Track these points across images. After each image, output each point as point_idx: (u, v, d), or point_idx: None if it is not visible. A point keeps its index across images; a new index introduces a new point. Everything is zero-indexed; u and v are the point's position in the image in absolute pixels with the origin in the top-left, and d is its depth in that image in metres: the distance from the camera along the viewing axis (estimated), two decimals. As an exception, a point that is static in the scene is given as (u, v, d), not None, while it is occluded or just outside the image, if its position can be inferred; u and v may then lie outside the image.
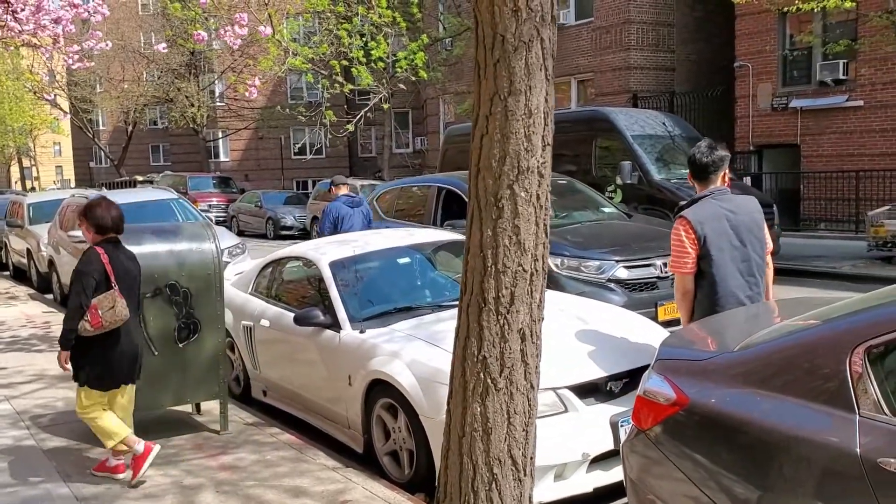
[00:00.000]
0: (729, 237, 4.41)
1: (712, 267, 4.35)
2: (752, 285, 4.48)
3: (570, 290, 7.19)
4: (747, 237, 4.48)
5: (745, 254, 4.46)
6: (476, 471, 2.69)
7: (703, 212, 4.40)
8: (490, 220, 2.59)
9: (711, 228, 4.36)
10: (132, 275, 4.92)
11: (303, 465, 4.95)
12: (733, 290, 4.39)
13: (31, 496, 4.63)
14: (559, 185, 10.16)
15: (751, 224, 4.49)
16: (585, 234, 8.24)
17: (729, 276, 4.38)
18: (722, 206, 4.44)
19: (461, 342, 2.75)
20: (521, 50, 2.48)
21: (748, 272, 4.47)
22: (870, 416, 2.58)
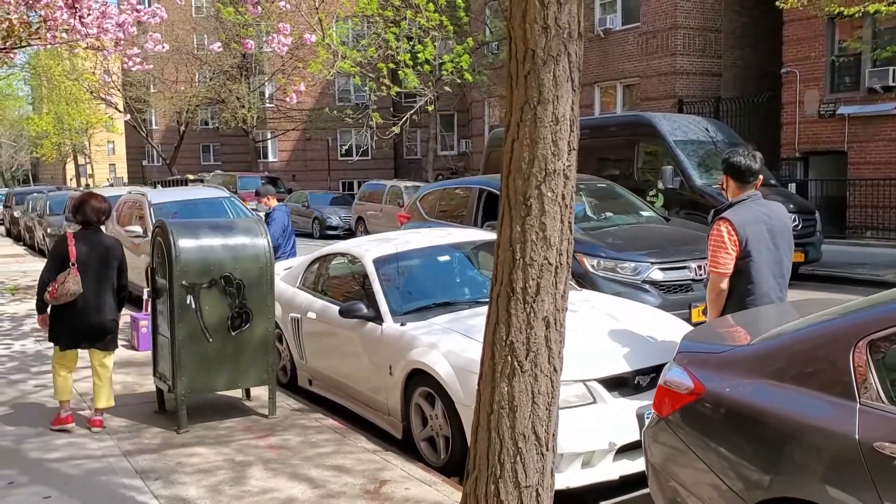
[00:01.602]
0: (766, 241, 4.61)
1: (751, 268, 4.53)
2: (781, 287, 4.69)
3: (606, 290, 7.38)
4: (780, 241, 4.68)
5: (778, 256, 4.67)
6: (503, 445, 2.95)
7: (745, 215, 4.58)
8: (519, 218, 2.85)
9: (752, 231, 4.54)
10: (101, 258, 5.79)
11: (345, 447, 5.26)
12: (767, 291, 4.59)
13: (97, 468, 5.00)
14: (599, 188, 10.35)
15: (783, 228, 4.71)
16: (622, 236, 8.43)
17: (764, 279, 4.58)
18: (760, 210, 4.65)
19: (491, 328, 3.01)
20: (549, 63, 2.74)
21: (779, 274, 4.68)
22: (869, 405, 2.77)
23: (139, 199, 12.57)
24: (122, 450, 5.33)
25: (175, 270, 5.66)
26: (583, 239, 8.26)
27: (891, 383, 2.78)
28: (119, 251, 5.96)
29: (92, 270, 5.71)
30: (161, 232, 5.94)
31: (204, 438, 5.53)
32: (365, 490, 4.52)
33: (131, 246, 11.66)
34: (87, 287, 5.68)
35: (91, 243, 5.78)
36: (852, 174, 18.37)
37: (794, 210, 12.44)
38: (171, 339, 5.73)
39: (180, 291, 5.67)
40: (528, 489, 2.98)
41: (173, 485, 4.68)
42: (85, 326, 5.75)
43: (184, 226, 6.11)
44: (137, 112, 38.40)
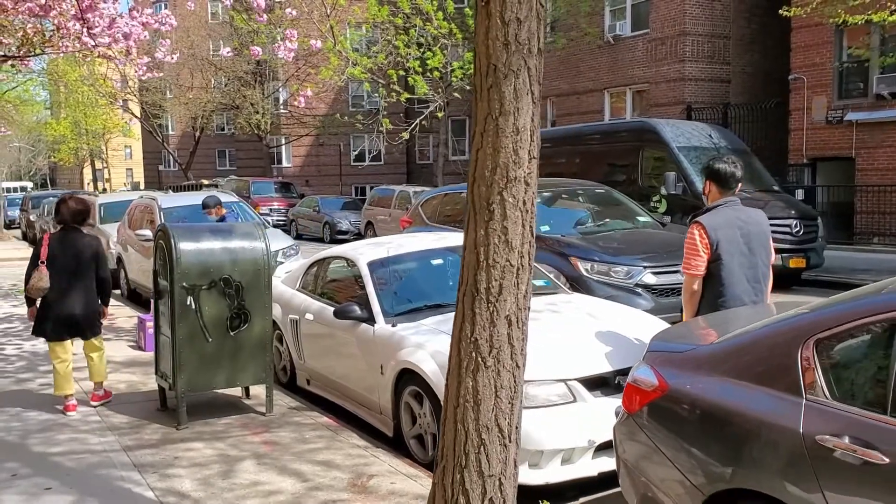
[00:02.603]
0: (739, 244, 4.77)
1: (722, 270, 4.70)
2: (756, 291, 4.83)
3: (599, 293, 7.54)
4: (756, 246, 4.84)
5: (753, 261, 4.82)
6: (468, 436, 3.11)
7: (719, 219, 4.77)
8: (483, 222, 3.02)
9: (724, 235, 4.72)
10: (75, 255, 6.29)
11: (336, 443, 5.44)
12: (739, 294, 4.74)
13: (97, 462, 5.20)
14: (597, 194, 10.49)
15: (759, 234, 4.87)
16: (617, 240, 8.59)
17: (736, 281, 4.73)
18: (736, 215, 4.83)
19: (457, 326, 3.18)
20: (510, 77, 2.91)
21: (754, 279, 4.82)
22: (814, 401, 2.92)
23: (150, 203, 12.84)
24: (123, 445, 5.53)
25: (176, 272, 5.86)
26: (577, 243, 8.43)
27: (834, 381, 2.93)
28: (94, 247, 6.45)
29: (65, 268, 6.26)
30: (163, 235, 6.15)
31: (201, 434, 5.72)
32: (351, 483, 4.69)
33: (141, 249, 11.93)
34: (61, 283, 6.23)
35: (65, 242, 6.34)
36: (860, 180, 18.41)
37: (796, 216, 12.53)
38: (172, 339, 5.93)
39: (181, 293, 5.88)
40: (492, 478, 3.14)
41: (169, 478, 4.87)
42: (63, 319, 6.30)
43: (185, 230, 6.32)
44: (153, 117, 38.88)
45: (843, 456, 2.73)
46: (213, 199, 9.58)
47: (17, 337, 9.66)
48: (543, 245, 8.32)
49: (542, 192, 9.93)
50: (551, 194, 10.06)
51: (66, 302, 6.28)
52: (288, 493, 4.57)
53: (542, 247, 8.29)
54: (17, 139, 53.60)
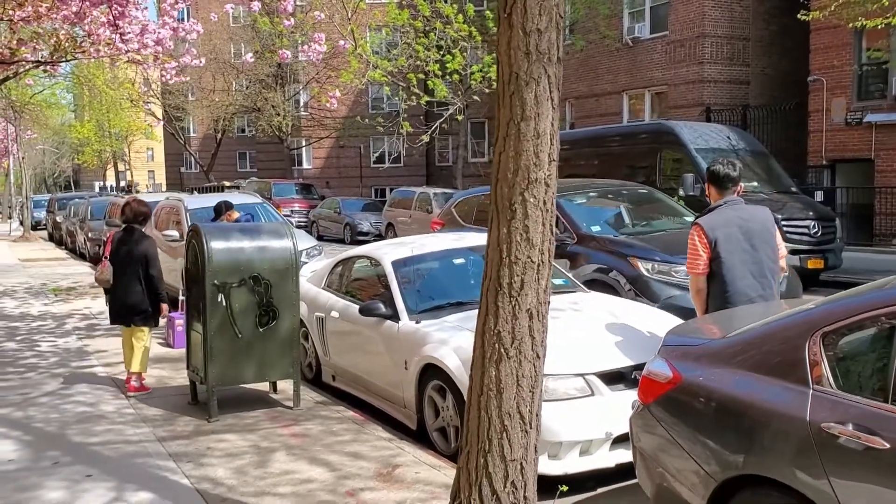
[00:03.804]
0: (739, 241, 4.93)
1: (722, 268, 4.89)
2: (764, 286, 4.98)
3: (660, 293, 7.55)
4: (758, 242, 4.99)
5: (757, 257, 4.97)
6: (490, 423, 3.30)
7: (717, 218, 4.97)
8: (505, 221, 3.22)
9: (723, 233, 4.91)
10: (130, 253, 7.00)
11: (363, 436, 5.65)
12: (744, 289, 4.90)
13: (133, 451, 5.44)
14: (641, 194, 10.32)
15: (762, 231, 5.02)
16: (674, 241, 8.30)
17: (738, 277, 4.90)
18: (735, 214, 5.00)
19: (481, 319, 3.38)
20: (531, 84, 3.10)
21: (759, 273, 4.97)
22: (820, 391, 3.08)
23: (176, 204, 13.12)
24: (157, 436, 5.76)
25: (207, 270, 6.09)
26: (636, 243, 8.35)
27: (839, 371, 3.09)
28: (144, 247, 7.03)
29: (122, 263, 7.03)
30: (195, 235, 6.39)
31: (232, 427, 5.94)
32: (378, 473, 4.89)
33: (168, 249, 12.18)
34: (121, 276, 7.03)
35: (123, 241, 7.11)
36: (879, 182, 18.39)
37: (815, 217, 12.61)
38: (204, 335, 6.16)
39: (212, 290, 6.10)
40: (514, 462, 3.33)
41: (203, 466, 5.09)
42: (117, 307, 7.13)
43: (216, 229, 6.57)
44: (176, 120, 39.38)
45: (847, 442, 2.89)
46: (224, 204, 9.72)
47: (50, 334, 9.96)
48: (599, 245, 8.40)
49: (587, 192, 9.82)
50: (597, 194, 9.98)
51: (124, 293, 7.02)
52: (319, 482, 4.77)
53: (597, 247, 8.39)
54: (42, 142, 54.34)
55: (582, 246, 8.45)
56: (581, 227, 8.74)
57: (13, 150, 34.14)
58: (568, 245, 8.49)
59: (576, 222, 8.80)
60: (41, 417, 6.28)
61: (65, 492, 4.72)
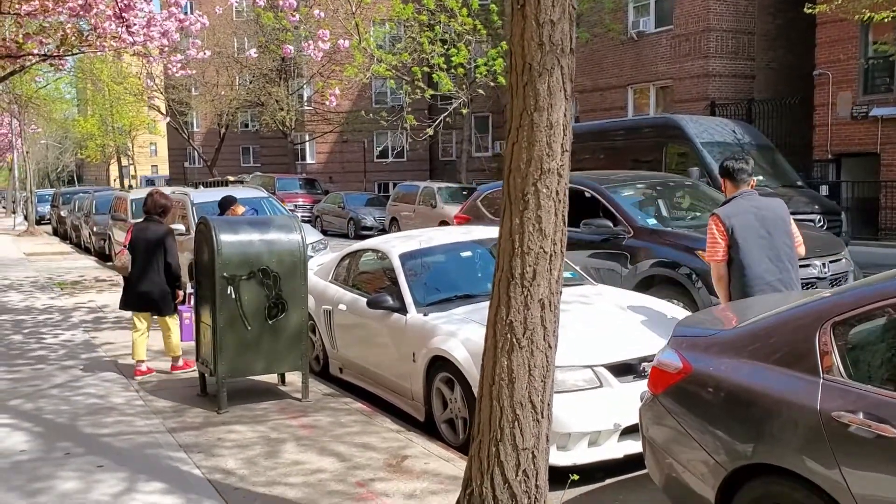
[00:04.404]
0: (755, 229, 5.22)
1: (740, 253, 5.18)
2: (781, 270, 5.24)
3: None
4: (773, 229, 5.28)
5: (773, 243, 5.25)
6: (502, 412, 3.32)
7: (733, 208, 5.30)
8: (518, 212, 3.23)
9: (739, 221, 5.21)
10: (148, 242, 7.26)
11: (371, 427, 5.68)
12: (761, 273, 5.17)
13: (144, 442, 5.48)
14: (686, 187, 9.92)
15: (777, 219, 5.34)
16: None
17: (755, 262, 5.18)
18: (750, 204, 5.33)
19: (493, 309, 3.39)
20: (544, 75, 3.12)
21: (776, 258, 5.25)
22: (830, 380, 3.10)
23: (182, 198, 13.13)
24: (167, 427, 5.80)
25: (217, 263, 6.11)
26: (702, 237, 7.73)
27: (850, 361, 3.11)
28: (163, 237, 7.27)
29: (141, 252, 7.27)
30: (204, 228, 6.41)
31: (242, 418, 5.98)
32: (387, 464, 4.92)
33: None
34: (140, 264, 7.27)
35: (143, 230, 7.36)
36: (885, 176, 18.39)
37: (820, 211, 12.61)
38: (213, 327, 6.19)
39: (221, 282, 6.13)
40: (525, 451, 3.35)
41: (213, 457, 5.13)
42: (139, 294, 7.36)
43: (225, 222, 6.59)
44: (179, 115, 39.39)
45: (857, 431, 2.91)
46: (229, 199, 9.76)
47: (56, 327, 9.99)
48: (661, 239, 7.88)
49: (635, 184, 9.31)
50: (645, 185, 9.52)
51: (142, 281, 7.28)
52: (329, 472, 4.80)
53: (659, 241, 7.85)
54: (46, 136, 54.38)
55: (640, 240, 7.93)
56: (636, 219, 8.25)
57: (17, 145, 34.18)
58: (624, 239, 8.06)
59: (630, 215, 8.30)
60: (51, 409, 6.32)
61: (78, 482, 4.76)
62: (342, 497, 4.43)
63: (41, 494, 4.59)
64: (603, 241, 8.19)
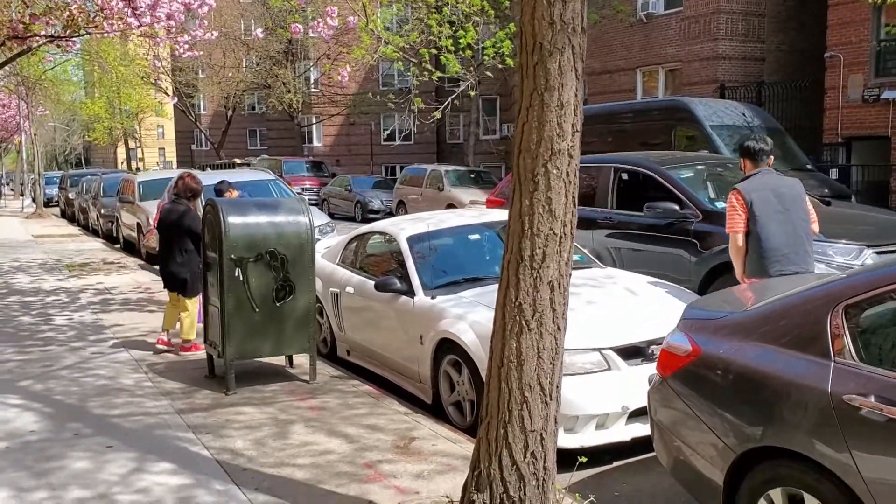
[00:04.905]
0: (773, 204, 5.52)
1: (758, 226, 5.48)
2: (796, 244, 5.54)
3: None
4: (790, 205, 5.58)
5: (789, 217, 5.54)
6: (511, 394, 3.32)
7: (753, 184, 5.62)
8: (528, 193, 3.21)
9: (758, 196, 5.52)
10: (174, 222, 7.39)
11: (379, 409, 5.69)
12: (777, 245, 5.47)
13: (153, 423, 5.50)
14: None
15: (793, 195, 5.64)
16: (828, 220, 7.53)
17: (772, 235, 5.47)
18: (768, 180, 5.65)
19: (503, 291, 3.38)
20: (555, 55, 3.08)
21: (792, 233, 5.54)
22: (841, 363, 3.08)
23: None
24: (176, 408, 5.82)
25: (225, 245, 6.11)
26: None
27: (861, 344, 3.09)
28: (188, 220, 7.33)
29: (167, 233, 7.46)
30: (212, 210, 6.40)
31: (250, 400, 5.99)
32: (395, 445, 4.93)
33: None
34: (165, 245, 7.49)
35: (169, 212, 7.51)
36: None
37: (830, 195, 12.51)
38: (221, 309, 6.19)
39: (229, 265, 6.13)
40: (534, 433, 3.35)
41: (222, 438, 5.15)
42: (164, 273, 7.65)
43: (233, 204, 6.58)
44: (186, 97, 39.30)
45: (868, 414, 2.89)
46: (224, 185, 9.74)
47: (65, 308, 10.03)
48: None
49: (693, 165, 8.87)
50: (704, 167, 8.94)
51: (167, 262, 7.51)
52: (337, 453, 4.82)
53: None
54: (53, 118, 54.37)
55: (713, 224, 7.34)
56: (704, 202, 7.77)
57: (25, 127, 34.20)
58: (691, 223, 7.62)
59: (697, 197, 7.82)
60: (61, 390, 6.35)
61: (87, 462, 4.78)
62: (350, 478, 4.44)
63: (51, 474, 4.62)
64: (666, 226, 7.78)
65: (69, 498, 4.29)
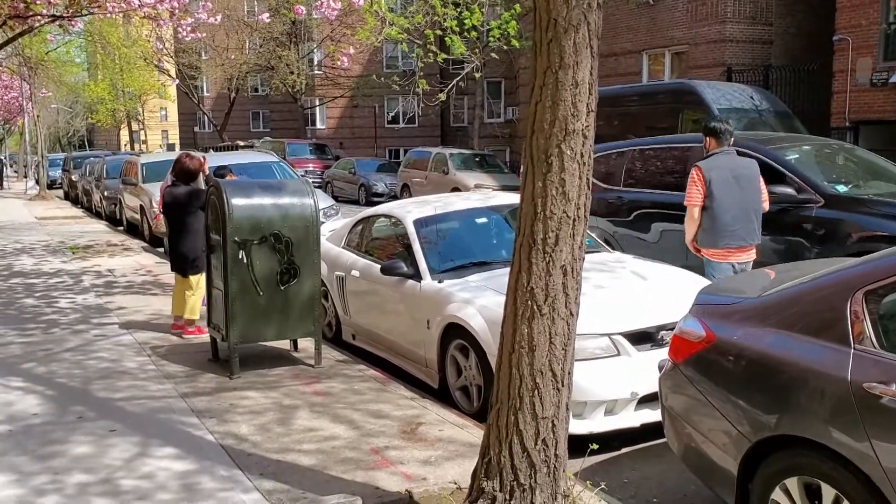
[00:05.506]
0: (730, 182, 6.04)
1: (714, 202, 6.03)
2: (746, 221, 6.11)
3: None
4: (745, 185, 6.12)
5: (743, 197, 6.08)
6: (522, 380, 3.25)
7: (713, 163, 6.13)
8: (541, 174, 3.12)
9: (717, 174, 6.03)
10: (180, 205, 7.29)
11: (385, 394, 5.63)
12: (730, 221, 6.05)
13: (156, 407, 5.45)
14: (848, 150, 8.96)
15: (749, 176, 6.18)
16: None
17: (726, 210, 6.03)
18: (728, 160, 6.17)
19: (514, 276, 3.30)
20: (570, 31, 2.98)
21: (744, 210, 6.09)
22: (862, 350, 3.00)
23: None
24: (180, 392, 5.76)
25: (228, 227, 6.03)
26: None
27: (882, 331, 3.01)
28: (191, 200, 7.22)
29: (173, 215, 7.41)
30: (215, 191, 6.32)
31: (254, 384, 5.93)
32: (402, 431, 4.87)
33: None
34: (172, 227, 7.47)
35: (172, 195, 7.42)
36: (904, 144, 18.08)
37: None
38: (225, 292, 6.12)
39: (233, 247, 6.05)
40: (545, 420, 3.28)
41: (226, 423, 5.09)
42: (173, 256, 7.63)
43: (236, 186, 6.49)
44: (189, 79, 39.13)
45: (889, 402, 2.82)
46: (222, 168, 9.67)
47: (68, 291, 9.98)
48: (870, 210, 6.71)
49: (800, 146, 8.17)
50: (811, 148, 8.28)
51: (175, 243, 7.50)
52: (342, 439, 4.76)
53: (867, 212, 6.73)
54: (56, 100, 54.19)
55: (838, 210, 6.79)
56: (823, 186, 7.08)
57: (28, 109, 34.07)
58: (812, 209, 6.95)
59: (815, 181, 7.12)
60: (64, 373, 6.30)
61: (90, 446, 4.73)
62: (356, 464, 4.39)
63: (53, 458, 4.57)
64: (780, 213, 6.98)
65: (71, 483, 4.23)
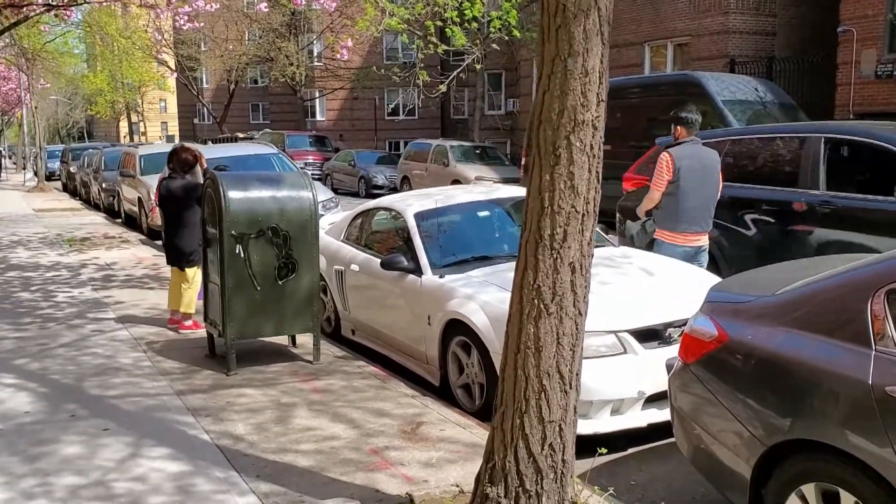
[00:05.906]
0: (695, 172, 6.27)
1: (679, 190, 6.25)
2: (704, 208, 6.39)
3: None
4: (707, 175, 6.38)
5: (704, 186, 6.35)
6: (528, 382, 3.11)
7: (683, 151, 6.32)
8: (548, 167, 2.98)
9: (686, 164, 6.25)
10: (177, 198, 7.14)
11: (385, 392, 5.50)
12: (689, 208, 6.29)
13: (151, 405, 5.32)
14: None
15: (711, 168, 6.43)
16: None
17: (687, 200, 6.27)
18: (696, 151, 6.38)
19: (520, 273, 3.15)
20: (580, 17, 2.84)
21: (704, 198, 6.37)
22: (884, 352, 2.87)
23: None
24: (175, 389, 5.64)
25: (225, 221, 5.90)
26: None
27: (906, 332, 2.87)
28: (187, 192, 7.07)
29: (169, 208, 7.26)
30: (212, 184, 6.18)
31: (252, 381, 5.81)
32: (402, 430, 4.75)
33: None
34: (169, 220, 7.31)
35: (168, 187, 7.25)
36: (908, 137, 17.91)
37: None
38: (221, 287, 5.99)
39: (230, 241, 5.92)
40: (552, 424, 3.14)
41: (223, 422, 4.96)
42: (170, 248, 7.44)
43: (234, 178, 6.35)
44: (188, 70, 38.87)
45: (914, 407, 2.69)
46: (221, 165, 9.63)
47: (65, 284, 9.84)
48: None
49: None
50: None
51: (171, 237, 7.34)
52: (342, 439, 4.63)
53: None
54: (55, 92, 53.96)
55: None
56: None
57: (26, 100, 33.88)
58: None
59: None
60: (58, 369, 6.17)
61: (82, 446, 4.60)
62: (356, 466, 4.26)
63: (42, 459, 4.44)
64: None
65: (62, 485, 4.11)
